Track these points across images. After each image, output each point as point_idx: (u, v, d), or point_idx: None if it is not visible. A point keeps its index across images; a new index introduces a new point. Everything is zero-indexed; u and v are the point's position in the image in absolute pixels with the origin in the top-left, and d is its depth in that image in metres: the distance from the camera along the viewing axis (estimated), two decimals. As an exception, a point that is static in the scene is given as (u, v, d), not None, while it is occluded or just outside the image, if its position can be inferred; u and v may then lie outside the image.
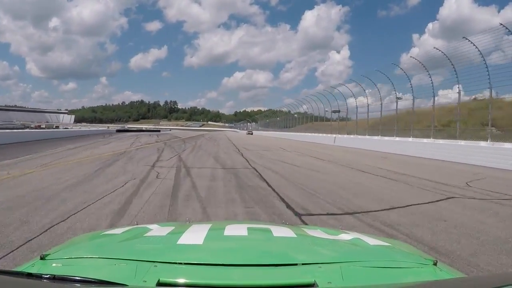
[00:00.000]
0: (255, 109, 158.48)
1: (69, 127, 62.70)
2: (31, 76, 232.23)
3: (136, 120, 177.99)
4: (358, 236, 1.39)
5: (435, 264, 1.02)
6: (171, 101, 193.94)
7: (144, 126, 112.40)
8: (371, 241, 1.30)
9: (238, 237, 1.27)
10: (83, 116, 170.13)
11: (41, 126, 59.58)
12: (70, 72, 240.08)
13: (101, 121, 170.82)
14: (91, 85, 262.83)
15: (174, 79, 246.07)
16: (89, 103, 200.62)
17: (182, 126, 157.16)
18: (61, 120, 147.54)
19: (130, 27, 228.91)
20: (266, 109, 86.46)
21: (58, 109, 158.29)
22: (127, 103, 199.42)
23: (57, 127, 61.40)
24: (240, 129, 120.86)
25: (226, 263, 0.92)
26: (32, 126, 60.19)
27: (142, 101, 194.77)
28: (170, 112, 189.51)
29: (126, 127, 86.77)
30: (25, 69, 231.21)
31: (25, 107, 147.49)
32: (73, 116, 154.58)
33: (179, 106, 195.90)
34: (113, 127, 79.77)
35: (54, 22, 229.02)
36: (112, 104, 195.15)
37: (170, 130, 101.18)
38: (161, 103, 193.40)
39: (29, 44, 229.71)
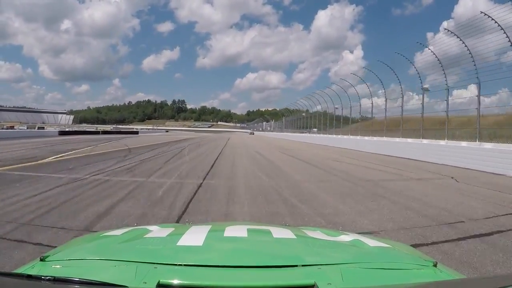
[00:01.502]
0: (270, 108, 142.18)
1: (46, 128, 60.61)
2: (44, 78, 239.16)
3: (141, 120, 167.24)
4: (358, 237, 1.37)
5: (435, 265, 1.02)
6: (179, 100, 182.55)
7: (135, 127, 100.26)
8: (371, 242, 1.29)
9: (238, 239, 1.26)
10: (85, 116, 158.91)
11: (13, 127, 56.72)
12: (82, 74, 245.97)
13: (104, 121, 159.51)
14: (104, 87, 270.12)
15: (187, 81, 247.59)
16: (102, 105, 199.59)
17: (189, 126, 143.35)
18: (58, 120, 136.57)
19: (142, 28, 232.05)
20: (281, 108, 72.95)
21: (64, 110, 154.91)
22: (133, 102, 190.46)
23: (40, 128, 57.60)
24: (254, 130, 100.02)
25: (226, 264, 0.94)
26: (4, 127, 57.69)
27: (148, 101, 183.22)
28: (178, 112, 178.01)
29: (111, 128, 73.73)
30: (38, 71, 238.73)
31: (22, 107, 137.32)
32: (71, 117, 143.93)
33: (188, 106, 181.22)
34: (104, 128, 75.30)
35: (66, 24, 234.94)
36: (118, 105, 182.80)
37: (167, 132, 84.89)
38: (169, 103, 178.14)
39: (42, 47, 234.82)
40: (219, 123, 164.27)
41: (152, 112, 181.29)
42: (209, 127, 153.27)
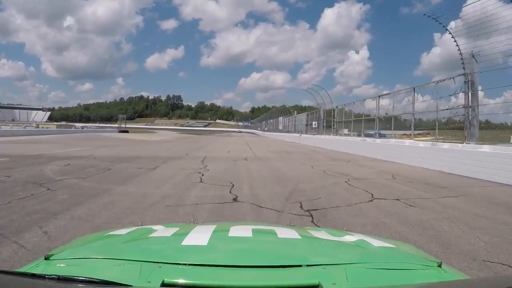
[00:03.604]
0: (278, 105, 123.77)
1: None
2: (47, 77, 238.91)
3: (131, 118, 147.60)
4: (363, 237, 1.42)
5: (439, 265, 1.05)
6: (174, 96, 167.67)
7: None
8: (376, 242, 1.34)
9: (242, 238, 1.30)
10: (67, 113, 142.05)
11: None
12: (86, 72, 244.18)
13: (89, 119, 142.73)
14: (108, 85, 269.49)
15: (190, 80, 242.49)
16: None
17: (182, 125, 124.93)
18: (32, 117, 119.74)
19: (145, 26, 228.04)
20: (291, 106, 52.54)
21: (39, 106, 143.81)
22: (125, 99, 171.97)
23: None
24: (264, 130, 68.87)
25: (230, 264, 0.97)
26: None
27: (141, 97, 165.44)
28: (173, 109, 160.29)
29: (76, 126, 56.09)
30: (40, 69, 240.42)
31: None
32: (47, 113, 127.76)
33: (185, 102, 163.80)
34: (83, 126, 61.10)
35: (68, 21, 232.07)
36: (108, 101, 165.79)
37: (124, 132, 59.47)
38: (163, 99, 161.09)
39: (44, 44, 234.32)
40: (217, 121, 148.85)
41: (144, 109, 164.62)
42: (205, 126, 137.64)
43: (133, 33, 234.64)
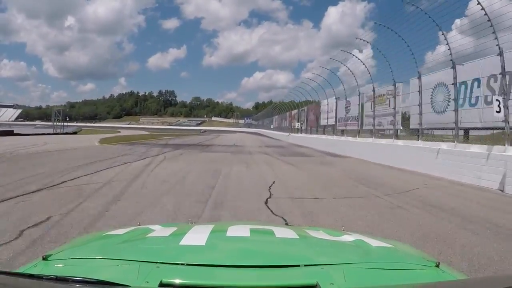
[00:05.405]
0: (286, 101, 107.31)
1: None
2: (49, 77, 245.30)
3: (117, 117, 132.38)
4: (361, 237, 1.46)
5: (437, 265, 1.09)
6: (166, 92, 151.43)
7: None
8: (374, 242, 1.37)
9: (240, 238, 1.33)
10: (45, 112, 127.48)
11: None
12: (87, 72, 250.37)
13: (70, 118, 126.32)
14: (110, 85, 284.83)
15: (192, 79, 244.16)
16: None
17: (170, 124, 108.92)
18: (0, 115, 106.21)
19: (147, 25, 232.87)
20: (301, 101, 35.60)
21: (11, 103, 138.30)
22: (115, 95, 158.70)
23: None
24: (288, 131, 41.73)
25: (228, 264, 1.00)
26: None
27: (131, 93, 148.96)
28: (165, 106, 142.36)
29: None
30: (42, 69, 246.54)
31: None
32: (18, 111, 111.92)
33: (179, 99, 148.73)
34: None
35: (69, 20, 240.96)
36: (96, 99, 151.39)
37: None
38: (155, 95, 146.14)
39: (45, 44, 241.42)
40: (213, 119, 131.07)
41: (133, 106, 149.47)
42: (198, 124, 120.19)
43: (135, 32, 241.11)
